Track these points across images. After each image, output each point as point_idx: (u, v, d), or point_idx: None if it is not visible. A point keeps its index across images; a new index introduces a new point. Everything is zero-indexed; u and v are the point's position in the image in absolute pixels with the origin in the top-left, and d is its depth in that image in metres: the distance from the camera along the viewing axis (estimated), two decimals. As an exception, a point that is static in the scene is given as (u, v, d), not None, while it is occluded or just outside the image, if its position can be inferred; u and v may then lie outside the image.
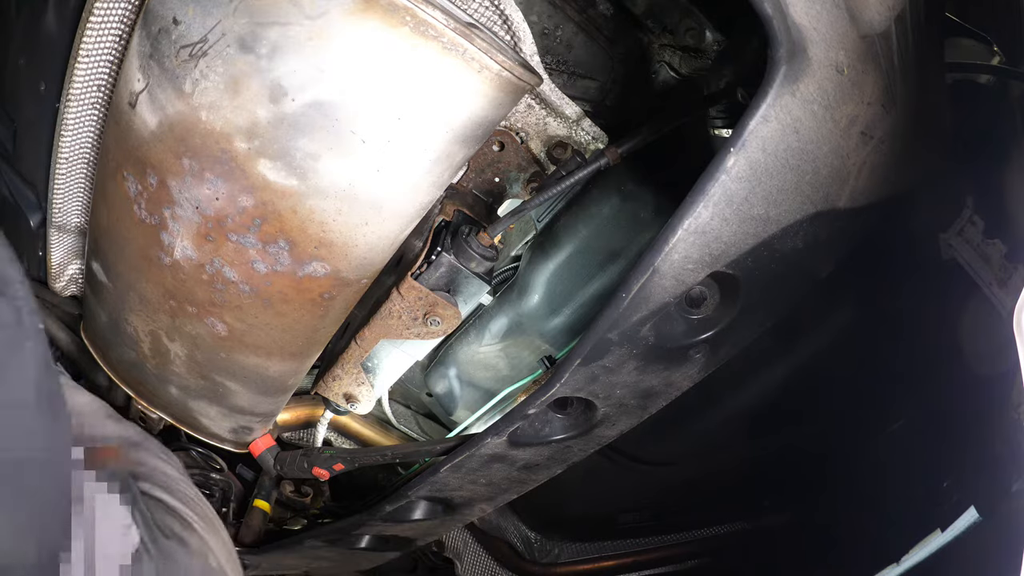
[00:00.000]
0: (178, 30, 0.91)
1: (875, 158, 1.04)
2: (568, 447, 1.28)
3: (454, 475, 1.30)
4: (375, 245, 1.03)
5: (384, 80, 0.89)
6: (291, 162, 0.92)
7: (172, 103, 0.94)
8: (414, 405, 1.80)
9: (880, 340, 1.75)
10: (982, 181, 1.35)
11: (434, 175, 1.00)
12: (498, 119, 1.01)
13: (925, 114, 1.14)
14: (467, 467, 1.28)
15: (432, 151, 0.96)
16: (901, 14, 0.98)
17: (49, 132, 1.25)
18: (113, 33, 1.12)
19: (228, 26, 0.88)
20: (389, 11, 0.85)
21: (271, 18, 0.87)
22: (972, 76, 1.63)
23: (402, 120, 0.92)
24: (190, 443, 1.71)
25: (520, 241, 1.43)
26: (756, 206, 0.94)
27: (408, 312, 1.23)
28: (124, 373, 1.33)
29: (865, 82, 0.96)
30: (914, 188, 1.20)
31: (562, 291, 1.35)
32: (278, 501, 1.76)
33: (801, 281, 1.16)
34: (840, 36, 0.90)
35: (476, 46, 0.89)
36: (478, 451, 1.23)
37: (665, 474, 2.04)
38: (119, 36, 1.13)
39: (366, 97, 0.90)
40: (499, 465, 1.29)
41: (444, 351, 1.54)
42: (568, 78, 1.27)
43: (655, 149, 1.15)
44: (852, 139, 0.98)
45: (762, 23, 0.85)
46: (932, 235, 1.42)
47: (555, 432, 1.24)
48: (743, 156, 0.89)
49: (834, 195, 1.01)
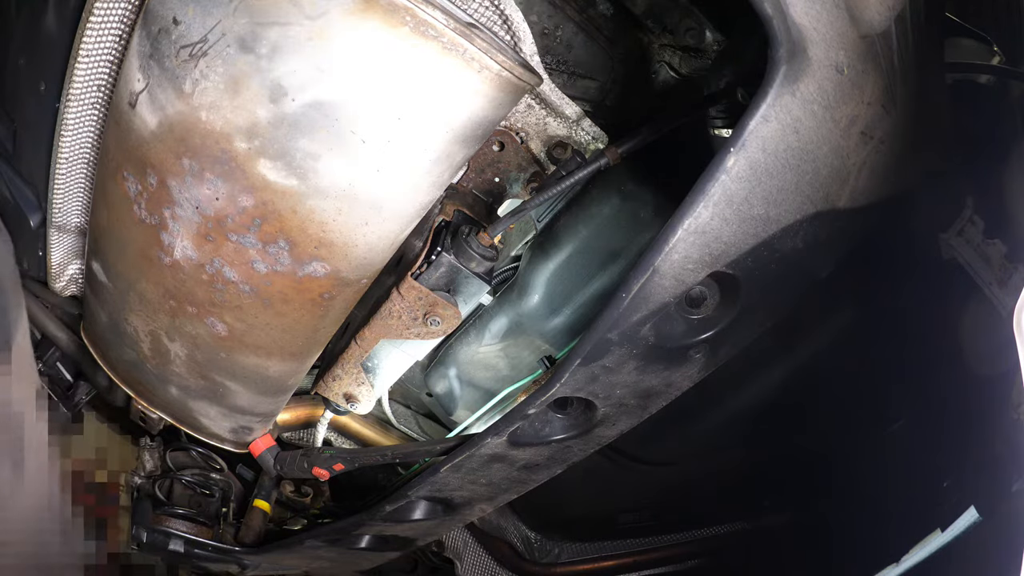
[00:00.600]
0: (178, 30, 0.91)
1: (875, 158, 1.04)
2: (568, 447, 1.28)
3: (454, 475, 1.31)
4: (375, 245, 1.03)
5: (384, 80, 0.90)
6: (291, 162, 0.93)
7: (172, 103, 0.94)
8: (414, 405, 1.80)
9: (880, 340, 1.75)
10: (982, 181, 1.35)
11: (434, 175, 1.00)
12: (498, 119, 1.01)
13: (925, 115, 1.14)
14: (467, 467, 1.28)
15: (432, 151, 0.97)
16: (901, 14, 0.98)
17: (49, 132, 1.26)
18: (113, 33, 1.12)
19: (228, 26, 0.88)
20: (389, 11, 0.86)
21: (271, 18, 0.87)
22: (972, 76, 1.63)
23: (402, 120, 0.92)
24: (190, 443, 1.71)
25: (520, 241, 1.43)
26: (756, 206, 0.94)
27: (408, 312, 1.23)
28: (124, 373, 1.33)
29: (865, 82, 0.96)
30: (914, 188, 1.21)
31: (562, 291, 1.35)
32: (278, 501, 1.77)
33: (801, 281, 1.16)
34: (840, 36, 0.90)
35: (476, 46, 0.89)
36: (478, 451, 1.23)
37: (665, 474, 2.04)
38: (119, 36, 1.13)
39: (366, 97, 0.90)
40: (499, 465, 1.29)
41: (444, 351, 1.55)
42: (568, 78, 1.27)
43: (655, 149, 1.15)
44: (852, 139, 0.98)
45: (762, 23, 0.85)
46: (932, 235, 1.42)
47: (555, 432, 1.24)
48: (743, 156, 0.89)
49: (834, 195, 1.01)
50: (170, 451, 1.74)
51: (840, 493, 1.85)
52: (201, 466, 1.74)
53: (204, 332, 1.12)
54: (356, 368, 1.37)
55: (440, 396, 1.58)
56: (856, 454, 1.81)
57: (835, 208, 1.03)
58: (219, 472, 1.74)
